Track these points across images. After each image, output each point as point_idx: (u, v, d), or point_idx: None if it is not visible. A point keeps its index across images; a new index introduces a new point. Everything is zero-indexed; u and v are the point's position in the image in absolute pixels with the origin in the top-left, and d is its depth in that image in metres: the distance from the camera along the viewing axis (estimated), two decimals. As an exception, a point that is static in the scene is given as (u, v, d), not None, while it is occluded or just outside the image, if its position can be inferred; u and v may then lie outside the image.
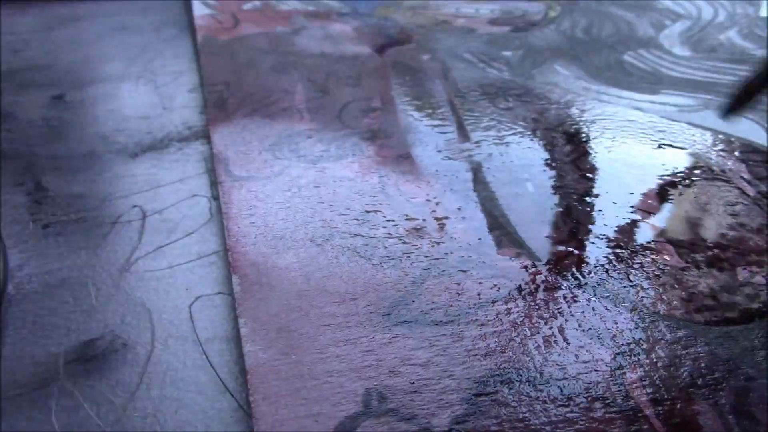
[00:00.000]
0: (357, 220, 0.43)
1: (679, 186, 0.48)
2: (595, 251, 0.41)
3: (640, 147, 0.53)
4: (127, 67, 0.75)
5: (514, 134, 0.54)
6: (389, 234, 0.42)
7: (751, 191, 0.48)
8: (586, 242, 0.42)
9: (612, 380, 0.33)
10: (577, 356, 0.34)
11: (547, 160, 0.50)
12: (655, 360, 0.34)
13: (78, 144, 0.58)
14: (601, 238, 0.42)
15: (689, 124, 0.58)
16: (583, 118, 0.57)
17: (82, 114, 0.65)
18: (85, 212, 0.51)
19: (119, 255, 0.45)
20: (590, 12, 0.83)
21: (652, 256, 0.41)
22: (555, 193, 0.47)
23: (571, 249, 0.41)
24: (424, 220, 0.43)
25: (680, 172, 0.50)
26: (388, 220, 0.43)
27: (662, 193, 0.47)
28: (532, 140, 0.53)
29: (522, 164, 0.50)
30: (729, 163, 0.51)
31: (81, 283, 0.42)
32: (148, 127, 0.63)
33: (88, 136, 0.60)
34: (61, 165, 0.57)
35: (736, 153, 0.53)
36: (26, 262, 0.44)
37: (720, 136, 0.56)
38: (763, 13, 0.83)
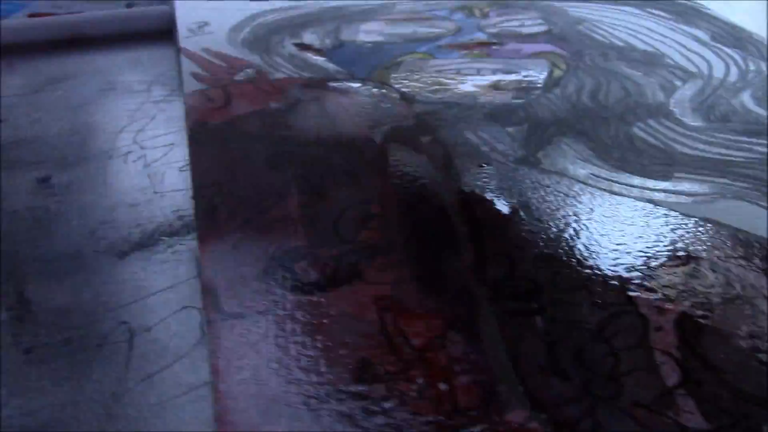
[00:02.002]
0: (356, 375, 0.40)
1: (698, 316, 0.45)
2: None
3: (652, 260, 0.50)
4: (116, 140, 0.72)
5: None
6: (389, 394, 0.39)
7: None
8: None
9: None
10: None
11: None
12: None
13: (64, 242, 0.56)
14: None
15: (704, 219, 0.55)
16: (590, 219, 0.54)
17: (68, 202, 0.63)
18: (71, 331, 0.49)
19: (105, 387, 0.43)
20: (596, 71, 0.80)
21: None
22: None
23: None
24: (428, 373, 0.41)
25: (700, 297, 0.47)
26: (386, 373, 0.41)
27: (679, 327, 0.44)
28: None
29: (529, 290, 0.47)
30: (750, 276, 0.48)
31: (65, 424, 0.40)
32: (137, 218, 0.61)
33: (74, 232, 0.58)
34: (46, 269, 0.55)
35: (756, 261, 0.50)
36: (6, 399, 0.42)
37: (739, 236, 0.53)
38: (775, 70, 0.80)
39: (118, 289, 0.52)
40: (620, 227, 0.53)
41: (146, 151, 0.71)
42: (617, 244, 0.52)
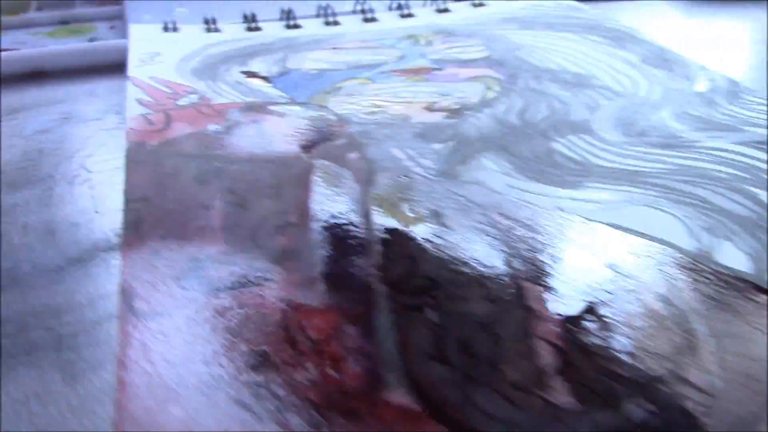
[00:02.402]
0: (251, 364, 0.43)
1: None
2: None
3: (551, 260, 0.53)
4: (65, 165, 0.75)
5: (425, 250, 0.54)
6: (282, 383, 0.42)
7: (664, 311, 0.48)
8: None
9: None
10: None
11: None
12: None
13: (2, 259, 0.58)
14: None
15: (609, 225, 0.58)
16: (497, 223, 0.57)
17: (12, 222, 0.65)
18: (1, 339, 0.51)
19: (29, 389, 0.45)
20: (527, 92, 0.84)
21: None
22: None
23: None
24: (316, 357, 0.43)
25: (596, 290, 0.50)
26: (282, 363, 0.43)
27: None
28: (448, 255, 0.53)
29: (425, 286, 0.50)
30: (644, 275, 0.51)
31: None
32: (77, 236, 0.63)
33: (14, 249, 0.60)
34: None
35: (654, 261, 0.53)
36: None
37: (640, 239, 0.56)
38: (697, 87, 0.84)
39: (51, 301, 0.54)
40: (524, 231, 0.56)
41: (92, 174, 0.74)
42: (517, 245, 0.55)
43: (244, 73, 0.89)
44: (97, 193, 0.71)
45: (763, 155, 0.69)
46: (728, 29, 1.13)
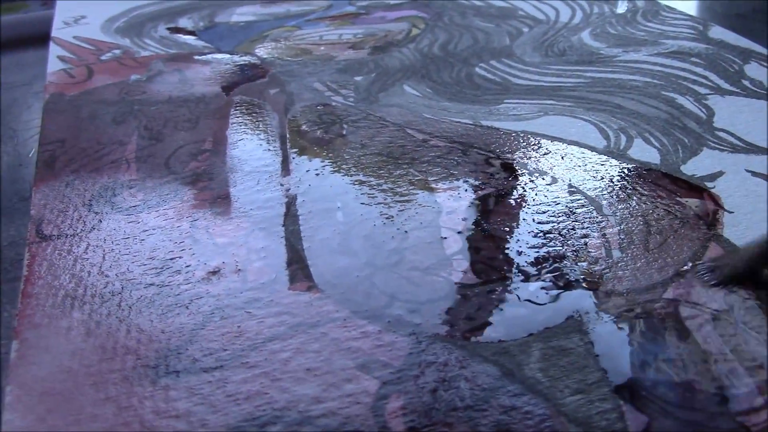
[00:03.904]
0: (156, 269, 0.43)
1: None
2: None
3: (465, 169, 0.53)
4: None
5: (336, 162, 0.54)
6: (184, 281, 0.42)
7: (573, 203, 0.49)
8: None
9: (373, 412, 0.33)
10: (339, 388, 0.34)
11: (362, 187, 0.51)
12: (421, 386, 0.34)
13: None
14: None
15: (524, 132, 0.59)
16: (413, 140, 0.57)
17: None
18: None
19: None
20: (452, 27, 0.84)
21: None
22: (362, 221, 0.47)
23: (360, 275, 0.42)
24: (223, 262, 0.43)
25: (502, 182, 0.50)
26: (187, 266, 0.43)
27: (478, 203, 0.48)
28: (355, 168, 0.53)
29: (336, 193, 0.50)
30: (558, 171, 0.52)
31: None
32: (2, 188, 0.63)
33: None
34: None
35: (568, 160, 0.53)
36: None
37: (555, 143, 0.56)
38: (619, 10, 0.84)
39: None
40: (439, 141, 0.57)
41: (19, 132, 0.74)
42: (427, 154, 0.55)
43: (169, 29, 0.89)
44: (21, 148, 0.70)
45: (678, 64, 0.70)
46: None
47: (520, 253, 0.43)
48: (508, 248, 0.44)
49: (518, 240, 0.44)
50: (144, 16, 0.93)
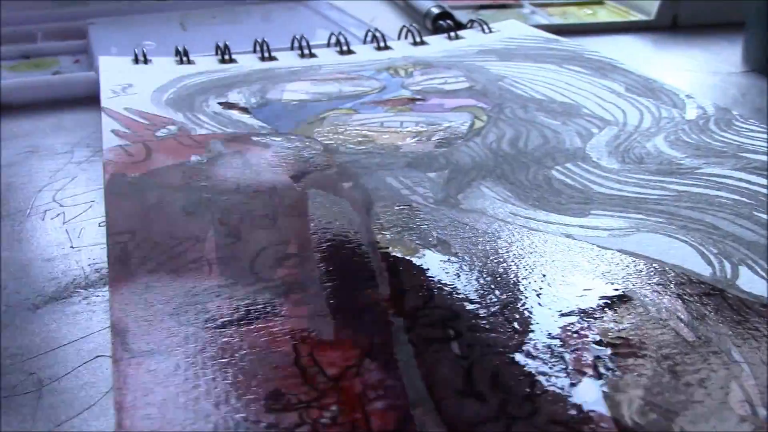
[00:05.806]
0: (266, 405, 0.39)
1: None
2: None
3: (569, 289, 0.50)
4: (35, 199, 0.71)
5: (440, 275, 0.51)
6: (301, 421, 0.38)
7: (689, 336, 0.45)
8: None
9: None
10: None
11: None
12: None
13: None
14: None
15: (621, 251, 0.56)
16: (508, 252, 0.54)
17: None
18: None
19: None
20: (516, 122, 0.82)
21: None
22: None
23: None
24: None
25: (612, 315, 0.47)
26: (300, 403, 0.39)
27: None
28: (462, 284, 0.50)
29: (446, 316, 0.47)
30: (665, 300, 0.49)
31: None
32: (52, 272, 0.59)
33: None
34: (-45, 326, 0.53)
35: (672, 287, 0.50)
36: None
37: (654, 265, 0.54)
38: (689, 116, 0.83)
39: (29, 342, 0.50)
40: (539, 259, 0.54)
41: (65, 208, 0.70)
42: (532, 272, 0.52)
43: (222, 104, 0.86)
44: (71, 227, 0.67)
45: (763, 181, 0.68)
46: (700, 60, 1.13)
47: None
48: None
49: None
50: (192, 87, 0.91)
